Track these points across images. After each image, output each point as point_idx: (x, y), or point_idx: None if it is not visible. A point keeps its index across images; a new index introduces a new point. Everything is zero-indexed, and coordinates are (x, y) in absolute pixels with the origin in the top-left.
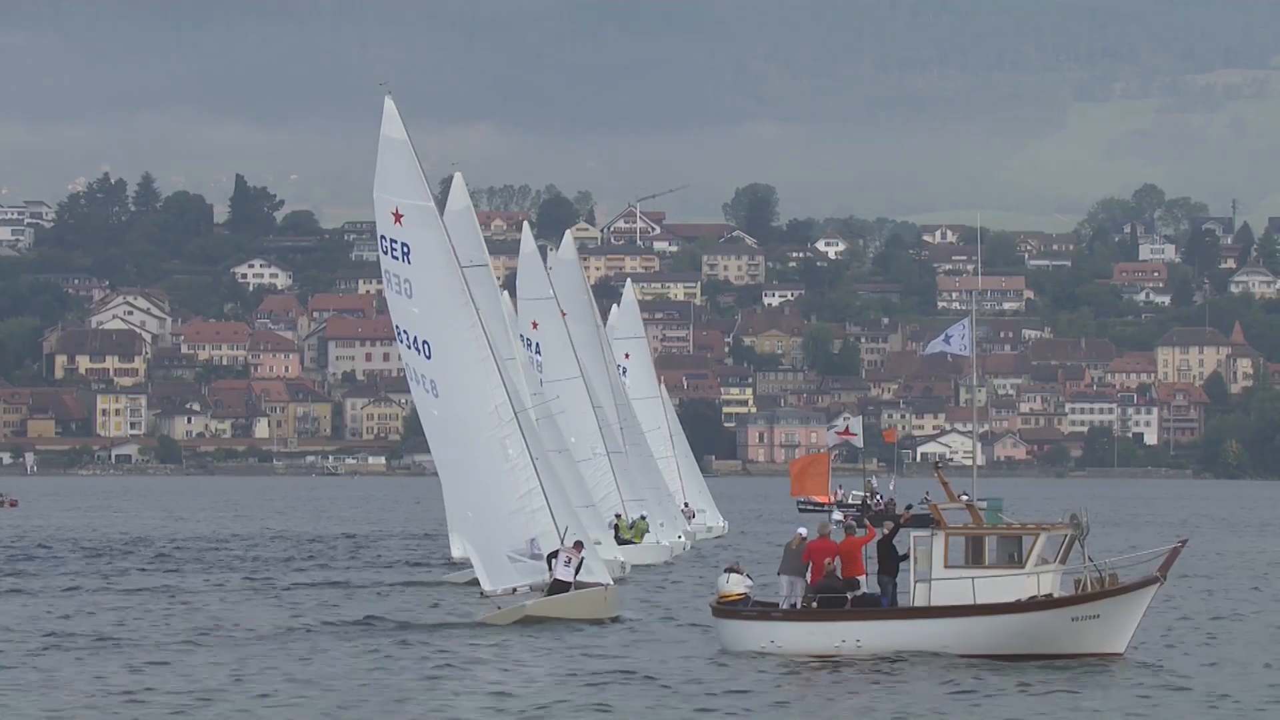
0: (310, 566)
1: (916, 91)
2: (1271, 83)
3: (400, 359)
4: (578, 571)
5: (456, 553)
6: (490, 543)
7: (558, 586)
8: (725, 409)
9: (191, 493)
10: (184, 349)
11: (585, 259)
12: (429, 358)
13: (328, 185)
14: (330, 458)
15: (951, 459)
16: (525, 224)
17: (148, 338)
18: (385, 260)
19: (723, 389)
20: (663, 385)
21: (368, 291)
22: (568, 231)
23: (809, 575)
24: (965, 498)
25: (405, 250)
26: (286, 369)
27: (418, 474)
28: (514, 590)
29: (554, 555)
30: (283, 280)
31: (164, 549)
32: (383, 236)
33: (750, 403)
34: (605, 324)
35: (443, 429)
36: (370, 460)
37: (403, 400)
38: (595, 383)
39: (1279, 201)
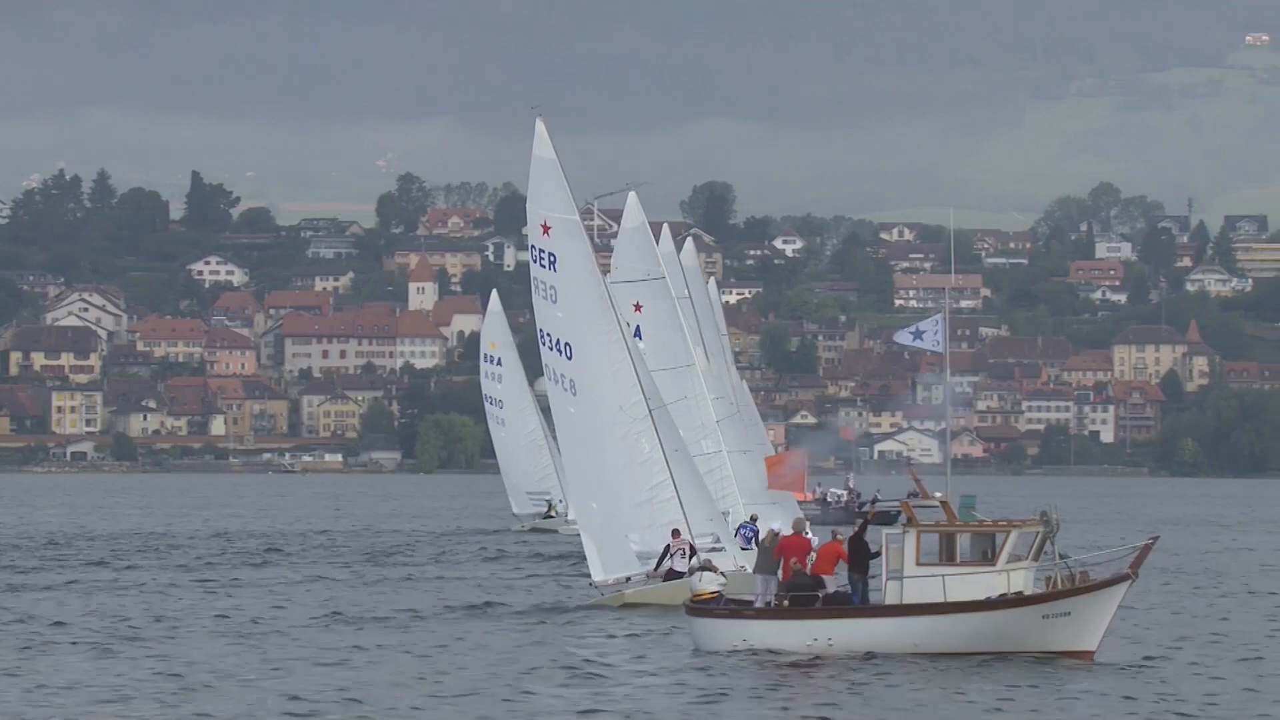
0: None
1: (874, 89)
2: (1227, 82)
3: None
4: (691, 558)
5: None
6: (611, 534)
7: (672, 577)
8: None
9: (179, 490)
10: (140, 346)
11: None
12: (570, 359)
13: (284, 182)
14: (287, 455)
15: (909, 457)
16: (632, 195)
17: (103, 335)
18: (534, 268)
19: None
20: None
21: (324, 289)
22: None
23: (780, 572)
24: (939, 495)
25: (553, 259)
26: (243, 366)
27: (374, 471)
28: (627, 579)
29: (668, 549)
30: (239, 277)
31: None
32: (533, 246)
33: None
34: None
35: (577, 426)
36: (327, 458)
37: (359, 397)
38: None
39: (1235, 200)
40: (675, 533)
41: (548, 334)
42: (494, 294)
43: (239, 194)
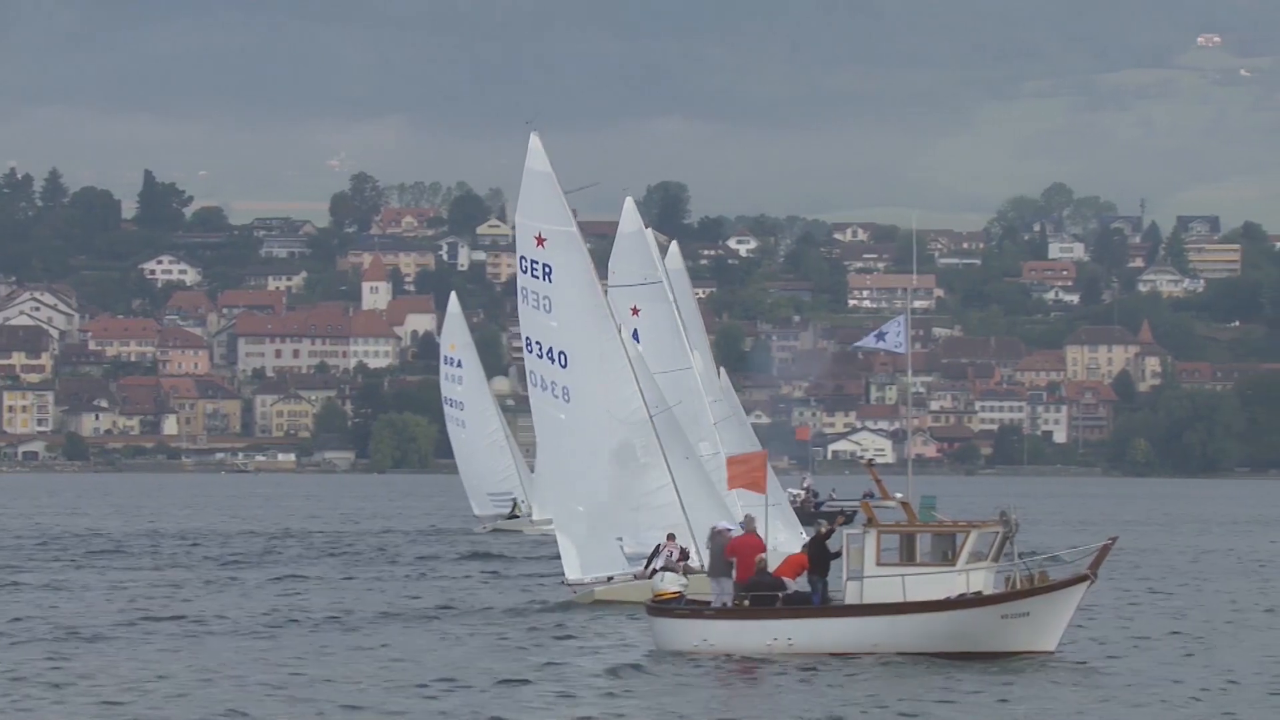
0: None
1: (827, 89)
2: (1179, 83)
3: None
4: (680, 561)
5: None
6: (598, 536)
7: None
8: None
9: (157, 491)
10: (92, 345)
11: (497, 256)
12: (564, 367)
13: (237, 181)
14: (240, 455)
15: (863, 457)
16: (629, 200)
17: (55, 334)
18: (523, 278)
19: None
20: None
21: (278, 288)
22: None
23: (734, 571)
24: (900, 496)
25: (547, 270)
26: (195, 366)
27: (328, 471)
28: (609, 579)
29: (657, 550)
30: (192, 276)
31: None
32: (522, 257)
33: None
34: None
35: (568, 431)
36: (280, 457)
37: (313, 397)
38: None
39: (1187, 200)
40: (671, 536)
41: (537, 342)
42: (453, 296)
43: (192, 193)
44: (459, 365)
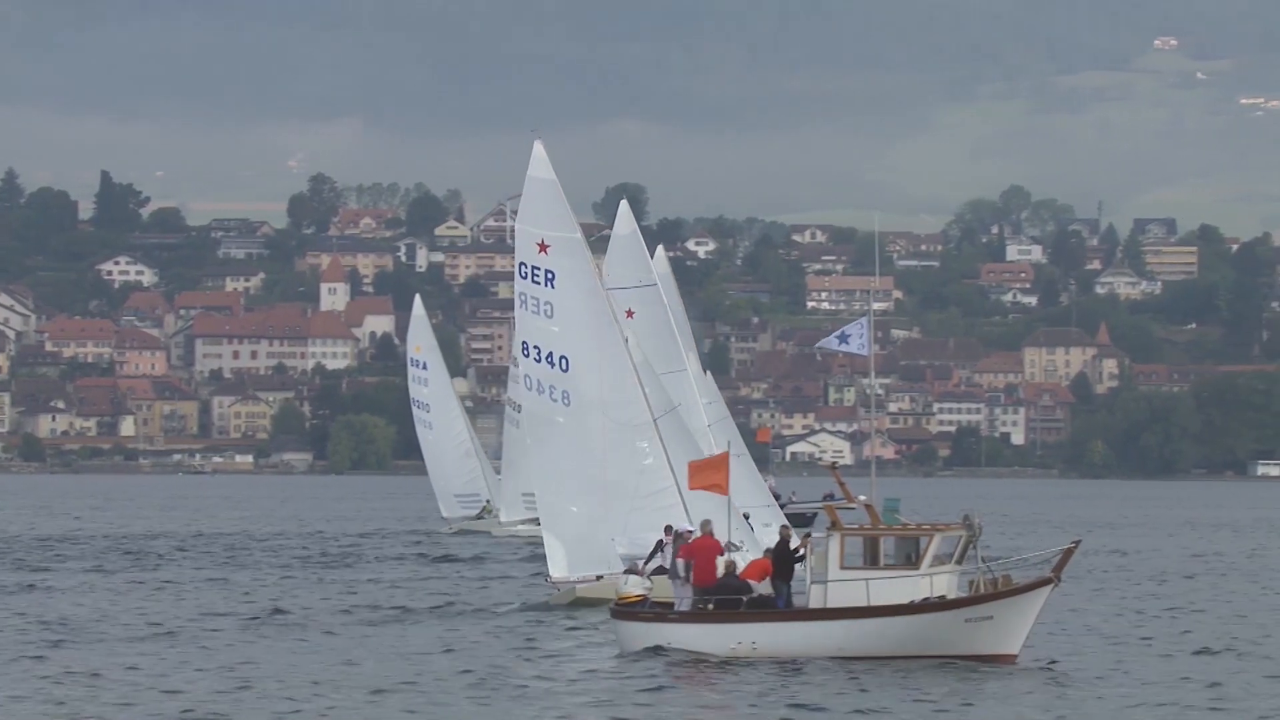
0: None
1: (785, 91)
2: (1136, 85)
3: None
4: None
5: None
6: (591, 536)
7: (661, 574)
8: None
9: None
10: (48, 346)
11: (455, 257)
12: (565, 370)
13: (195, 182)
14: (197, 456)
15: (821, 458)
16: (623, 204)
17: (11, 335)
18: (522, 284)
19: None
20: None
21: (235, 289)
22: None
23: (690, 573)
24: (863, 498)
25: (550, 276)
26: (153, 367)
27: (286, 472)
28: (598, 578)
29: (660, 545)
30: (149, 277)
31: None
32: (522, 264)
33: None
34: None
35: (565, 434)
36: (238, 459)
37: (270, 398)
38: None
39: (1144, 203)
40: (668, 528)
41: (535, 347)
42: (417, 299)
43: (149, 194)
44: (424, 367)
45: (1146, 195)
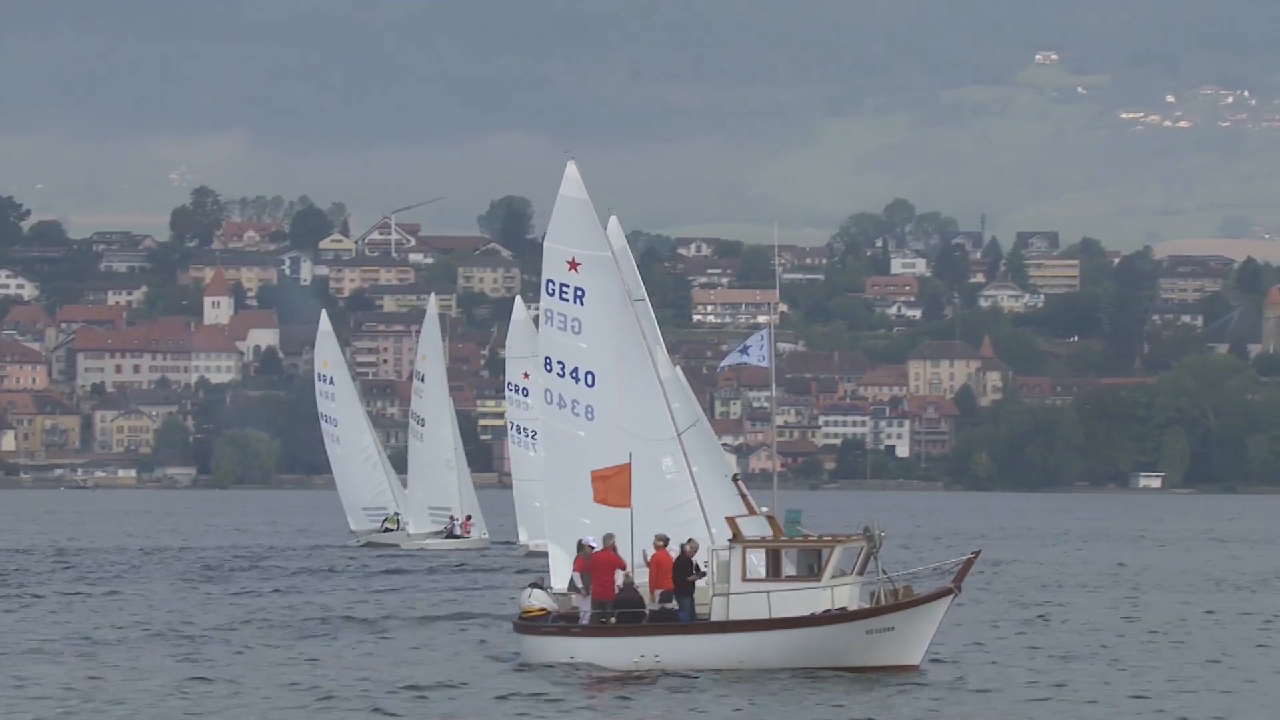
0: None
1: (669, 104)
2: (1016, 99)
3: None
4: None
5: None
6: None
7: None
8: (481, 421)
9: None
10: None
11: (339, 270)
12: (591, 386)
13: (75, 194)
14: (79, 471)
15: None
16: (613, 219)
17: None
18: (549, 300)
19: (479, 402)
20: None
21: (117, 302)
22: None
23: (589, 587)
24: (765, 510)
25: (580, 294)
26: (34, 381)
27: (169, 487)
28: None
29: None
30: (30, 291)
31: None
32: (550, 280)
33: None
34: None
35: (585, 449)
36: (120, 474)
37: (153, 413)
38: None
39: (1026, 216)
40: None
41: (559, 362)
42: (324, 315)
43: (29, 206)
44: (331, 382)
45: (1029, 208)
